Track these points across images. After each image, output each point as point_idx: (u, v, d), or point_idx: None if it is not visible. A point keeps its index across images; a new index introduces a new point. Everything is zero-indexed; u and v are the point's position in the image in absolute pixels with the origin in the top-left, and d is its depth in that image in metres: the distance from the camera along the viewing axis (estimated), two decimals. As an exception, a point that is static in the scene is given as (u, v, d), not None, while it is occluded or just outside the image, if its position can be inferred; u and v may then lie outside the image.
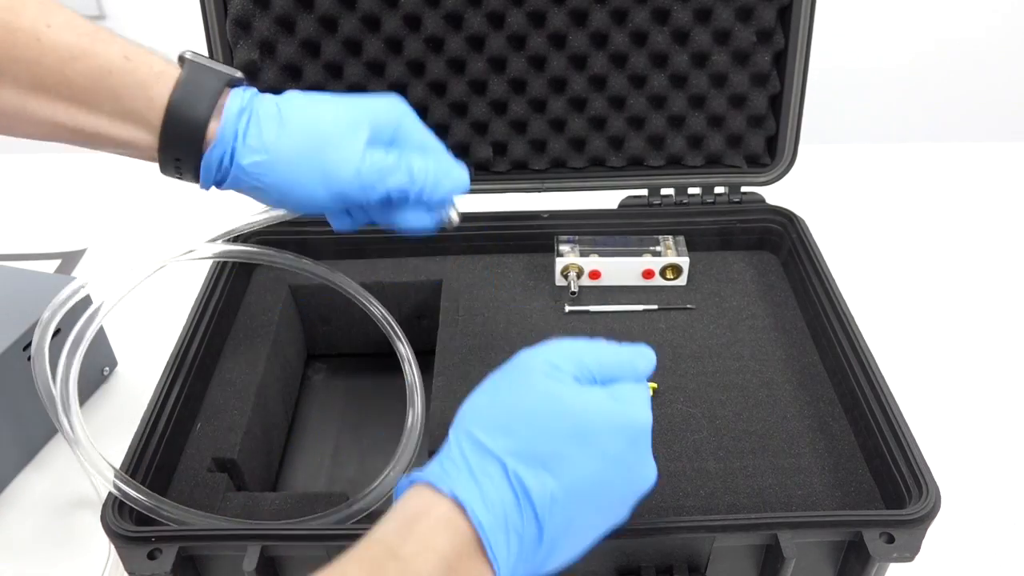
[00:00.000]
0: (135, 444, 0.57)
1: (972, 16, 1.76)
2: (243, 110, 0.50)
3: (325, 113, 0.51)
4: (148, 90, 0.48)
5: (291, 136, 0.50)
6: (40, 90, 0.47)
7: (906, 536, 0.50)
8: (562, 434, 0.41)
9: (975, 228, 1.01)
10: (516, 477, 0.40)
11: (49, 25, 0.46)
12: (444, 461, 0.41)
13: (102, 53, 0.47)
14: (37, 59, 0.46)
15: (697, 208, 0.81)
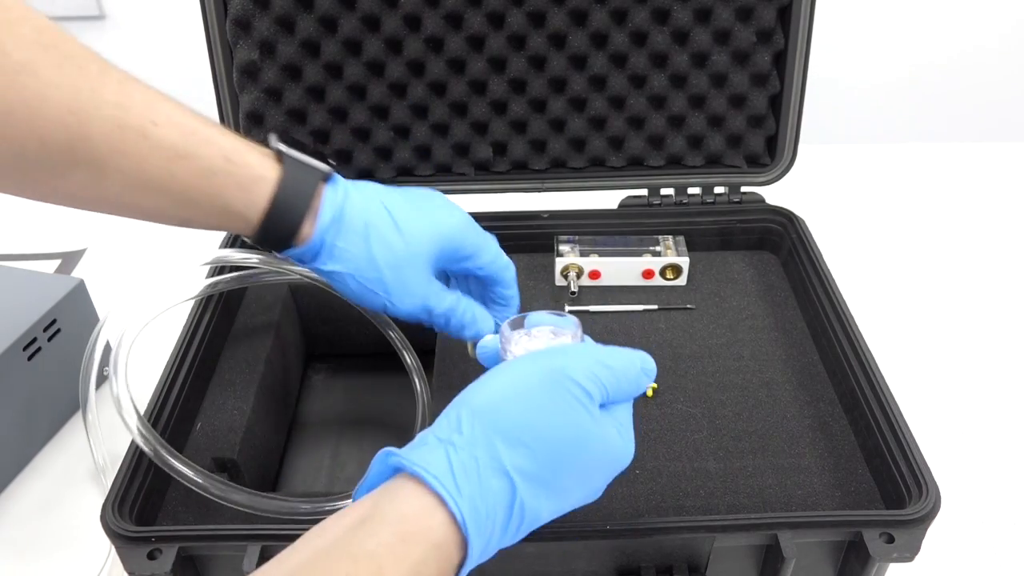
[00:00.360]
0: (136, 443, 0.57)
1: (972, 16, 1.76)
2: (334, 220, 0.52)
3: (397, 243, 0.54)
4: (248, 192, 0.50)
5: (369, 258, 0.53)
6: (146, 186, 0.48)
7: (906, 536, 0.50)
8: (575, 468, 0.42)
9: (975, 228, 1.01)
10: (520, 503, 0.40)
11: (155, 123, 0.47)
12: (454, 464, 0.40)
13: (205, 155, 0.49)
14: (145, 156, 0.47)
15: (697, 208, 0.81)
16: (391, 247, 0.54)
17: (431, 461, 0.40)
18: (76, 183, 0.47)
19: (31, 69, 0.43)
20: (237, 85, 0.75)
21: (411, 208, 0.56)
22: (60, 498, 0.69)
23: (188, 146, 0.48)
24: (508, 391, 0.43)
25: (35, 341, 0.69)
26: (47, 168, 0.46)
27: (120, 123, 0.46)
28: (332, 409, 0.78)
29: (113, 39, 1.86)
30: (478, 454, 0.40)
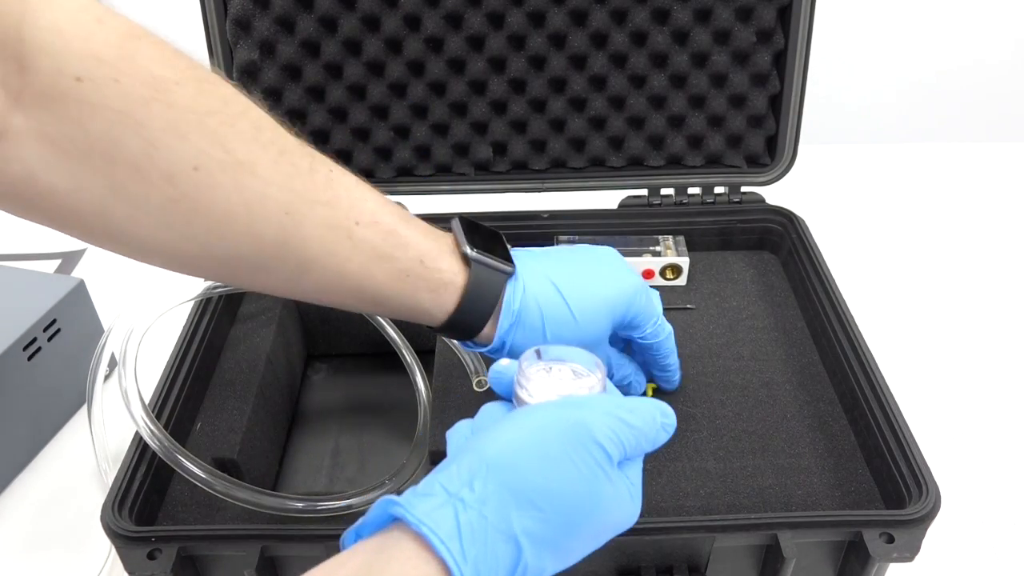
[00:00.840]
0: (137, 443, 0.57)
1: (972, 16, 1.76)
2: (513, 324, 0.53)
3: (573, 329, 0.54)
4: (438, 295, 0.51)
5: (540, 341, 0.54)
6: (342, 283, 0.49)
7: (906, 536, 0.50)
8: (585, 532, 0.41)
9: (975, 228, 1.01)
10: (524, 566, 0.38)
11: (359, 223, 0.48)
12: (463, 525, 0.37)
13: (402, 258, 0.50)
14: (348, 257, 0.48)
15: (697, 208, 0.81)
16: (567, 335, 0.54)
17: (439, 520, 0.37)
18: (279, 278, 0.48)
19: (251, 168, 0.44)
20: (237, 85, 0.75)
21: (583, 285, 0.55)
22: (60, 498, 0.69)
23: (386, 248, 0.49)
24: (525, 447, 0.40)
25: (35, 341, 0.69)
26: (256, 265, 0.47)
27: (329, 223, 0.47)
28: (332, 409, 0.78)
29: (113, 39, 1.86)
30: (488, 514, 0.38)
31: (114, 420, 0.60)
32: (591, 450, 0.40)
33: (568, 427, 0.41)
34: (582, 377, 0.47)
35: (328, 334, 0.81)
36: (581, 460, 0.40)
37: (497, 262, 0.53)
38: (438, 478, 0.39)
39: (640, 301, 0.57)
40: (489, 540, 0.37)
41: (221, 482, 0.54)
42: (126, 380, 0.57)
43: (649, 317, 0.58)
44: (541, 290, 0.54)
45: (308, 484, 0.70)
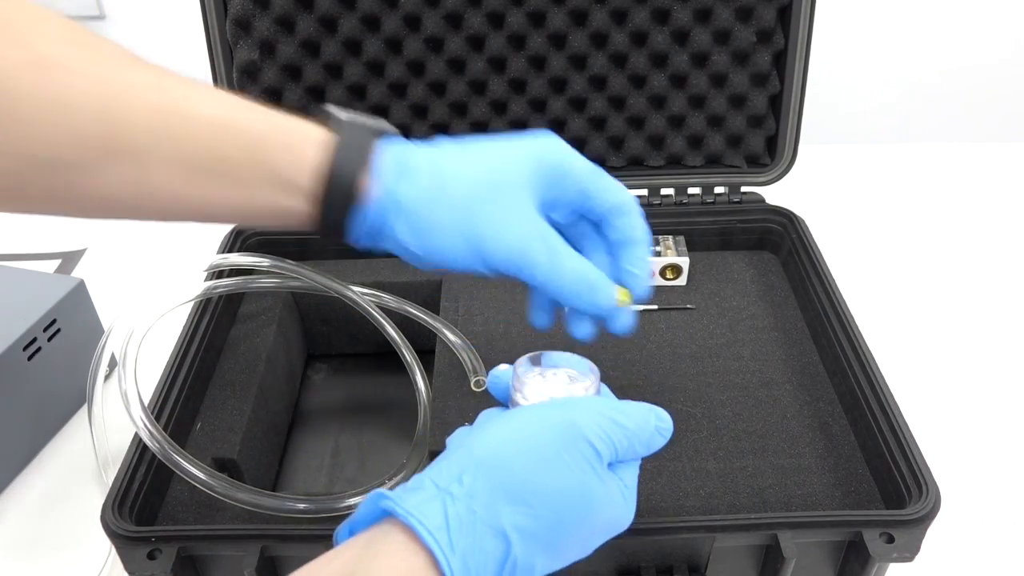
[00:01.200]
0: (137, 443, 0.57)
1: (972, 16, 1.76)
2: (399, 170, 0.46)
3: (483, 161, 0.48)
4: (301, 156, 0.45)
5: (447, 200, 0.47)
6: (188, 169, 0.44)
7: (906, 536, 0.50)
8: (575, 531, 0.40)
9: (975, 228, 1.00)
10: (513, 561, 0.38)
11: (194, 100, 0.44)
12: (451, 517, 0.37)
13: (250, 123, 0.45)
14: (185, 136, 0.44)
15: (697, 208, 0.81)
16: (477, 167, 0.47)
17: (427, 513, 0.37)
18: (116, 180, 0.44)
19: (62, 64, 0.41)
20: (237, 85, 0.75)
21: (491, 142, 0.49)
22: (60, 498, 0.69)
23: (229, 117, 0.44)
24: (515, 444, 0.41)
25: (35, 341, 0.69)
26: (84, 168, 0.43)
27: (156, 106, 0.43)
28: (332, 409, 0.78)
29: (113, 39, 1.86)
30: (476, 508, 0.38)
31: (114, 420, 0.60)
32: (581, 448, 0.40)
33: (559, 425, 0.41)
34: (576, 381, 0.47)
35: (328, 334, 0.81)
36: (571, 458, 0.40)
37: (370, 119, 0.48)
38: (428, 474, 0.40)
39: (561, 152, 0.50)
40: (478, 533, 0.38)
41: (221, 484, 0.54)
42: (126, 381, 0.57)
43: (595, 175, 0.50)
44: (437, 146, 0.49)
45: (308, 484, 0.70)
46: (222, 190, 0.45)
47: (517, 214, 0.47)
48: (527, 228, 0.47)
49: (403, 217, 0.46)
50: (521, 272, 0.47)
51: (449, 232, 0.47)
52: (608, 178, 0.51)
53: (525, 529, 0.38)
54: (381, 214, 0.46)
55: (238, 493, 0.54)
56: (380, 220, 0.46)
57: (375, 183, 0.46)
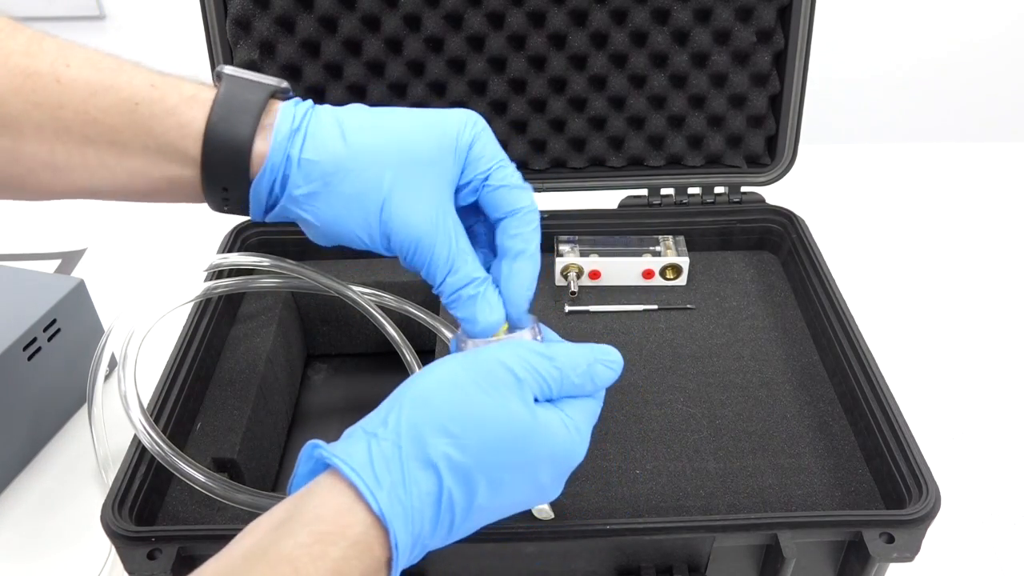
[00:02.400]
0: (137, 443, 0.57)
1: (972, 16, 1.76)
2: (296, 129, 0.43)
3: (391, 144, 0.44)
4: (180, 116, 0.42)
5: (353, 169, 0.43)
6: (66, 136, 0.42)
7: (906, 536, 0.50)
8: (510, 461, 0.40)
9: (975, 228, 1.01)
10: (449, 495, 0.38)
11: (68, 65, 0.42)
12: (376, 457, 0.38)
13: (126, 85, 0.42)
14: (59, 102, 0.41)
15: (697, 208, 0.81)
16: (387, 136, 0.43)
17: (352, 453, 0.38)
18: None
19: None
20: (237, 85, 0.75)
21: (408, 110, 0.46)
22: (60, 498, 0.69)
23: (106, 80, 0.42)
24: (438, 381, 0.41)
25: (35, 341, 0.69)
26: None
27: (29, 71, 0.41)
28: (332, 409, 0.78)
29: (113, 39, 1.86)
30: (402, 444, 0.38)
31: (114, 420, 0.60)
32: (501, 376, 0.40)
33: (483, 362, 0.41)
34: (517, 332, 0.47)
35: (328, 334, 0.81)
36: (490, 385, 0.40)
37: (262, 76, 0.45)
38: (359, 423, 0.41)
39: (479, 130, 0.46)
40: (406, 468, 0.38)
41: (221, 485, 0.54)
42: (125, 383, 0.56)
43: (496, 160, 0.46)
44: (341, 108, 0.45)
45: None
46: (106, 160, 0.43)
47: (428, 195, 0.44)
48: (435, 214, 0.44)
49: (302, 182, 0.43)
50: (416, 259, 0.45)
51: (354, 205, 0.43)
52: (515, 175, 0.47)
53: (453, 459, 0.38)
54: (276, 180, 0.43)
55: (238, 495, 0.54)
56: (276, 187, 0.43)
57: (268, 144, 0.42)
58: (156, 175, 0.43)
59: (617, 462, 0.60)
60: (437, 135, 0.44)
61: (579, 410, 0.43)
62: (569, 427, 0.42)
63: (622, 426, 0.63)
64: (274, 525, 0.37)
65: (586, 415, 0.44)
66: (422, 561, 0.49)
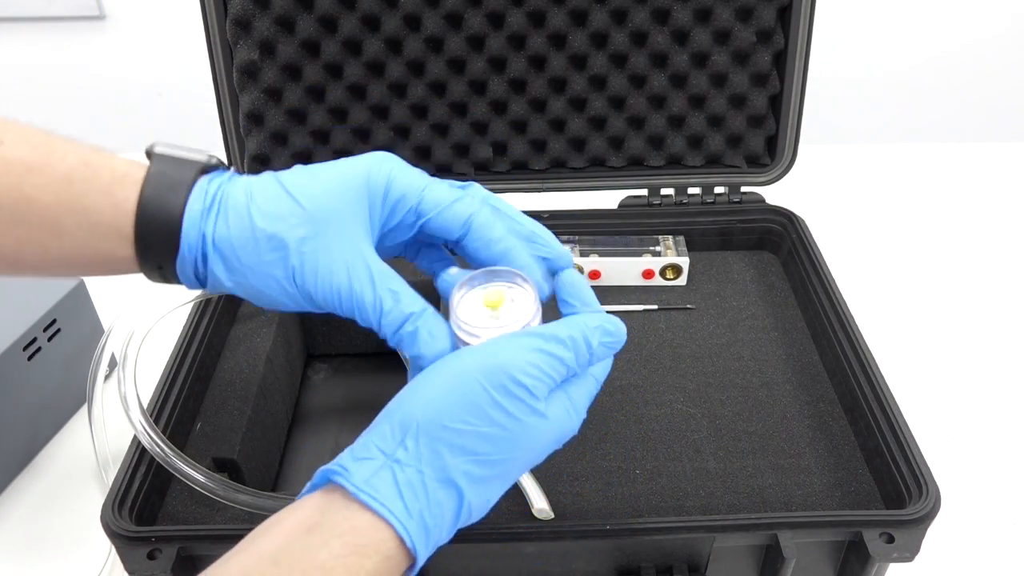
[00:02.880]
0: (137, 443, 0.57)
1: (972, 17, 1.76)
2: (209, 208, 0.43)
3: (295, 208, 0.43)
4: (113, 196, 0.42)
5: (260, 239, 0.43)
6: (2, 217, 0.42)
7: (906, 536, 0.50)
8: (522, 459, 0.42)
9: (975, 228, 1.01)
10: (468, 506, 0.40)
11: (3, 142, 0.42)
12: (401, 484, 0.39)
13: (59, 163, 0.42)
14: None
15: (697, 208, 0.81)
16: (291, 202, 0.43)
17: (378, 486, 0.39)
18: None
19: None
20: (237, 85, 0.75)
21: (309, 170, 0.46)
22: (60, 498, 0.69)
23: (40, 157, 0.42)
24: (451, 399, 0.40)
25: (35, 341, 0.69)
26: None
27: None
28: (332, 409, 0.77)
29: (113, 39, 1.86)
30: (424, 468, 0.39)
31: (114, 420, 0.60)
32: (513, 391, 0.41)
33: (488, 371, 0.41)
34: (515, 289, 0.46)
35: (328, 334, 0.81)
36: (507, 402, 0.40)
37: (193, 152, 0.44)
38: (372, 439, 0.40)
39: (388, 172, 0.45)
40: (429, 491, 0.39)
41: (221, 486, 0.54)
42: (125, 384, 0.57)
43: (408, 183, 0.46)
44: (256, 177, 0.45)
45: (308, 484, 0.70)
46: (38, 238, 0.43)
47: (339, 251, 0.44)
48: (351, 266, 0.44)
49: (219, 258, 0.43)
50: (346, 312, 0.45)
51: (264, 273, 0.43)
52: (445, 192, 0.46)
53: (474, 475, 0.40)
54: (196, 258, 0.43)
55: (238, 495, 0.54)
56: (198, 265, 0.43)
57: (184, 227, 0.43)
58: (93, 252, 0.44)
59: (617, 462, 0.60)
60: (343, 190, 0.44)
61: (581, 391, 0.44)
62: (571, 411, 0.43)
63: (622, 426, 0.63)
64: (298, 532, 0.38)
65: (587, 394, 0.45)
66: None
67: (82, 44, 1.86)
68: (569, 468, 0.59)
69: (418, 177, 0.46)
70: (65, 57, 1.88)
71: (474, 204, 0.47)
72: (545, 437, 0.42)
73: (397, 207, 0.46)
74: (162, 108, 1.93)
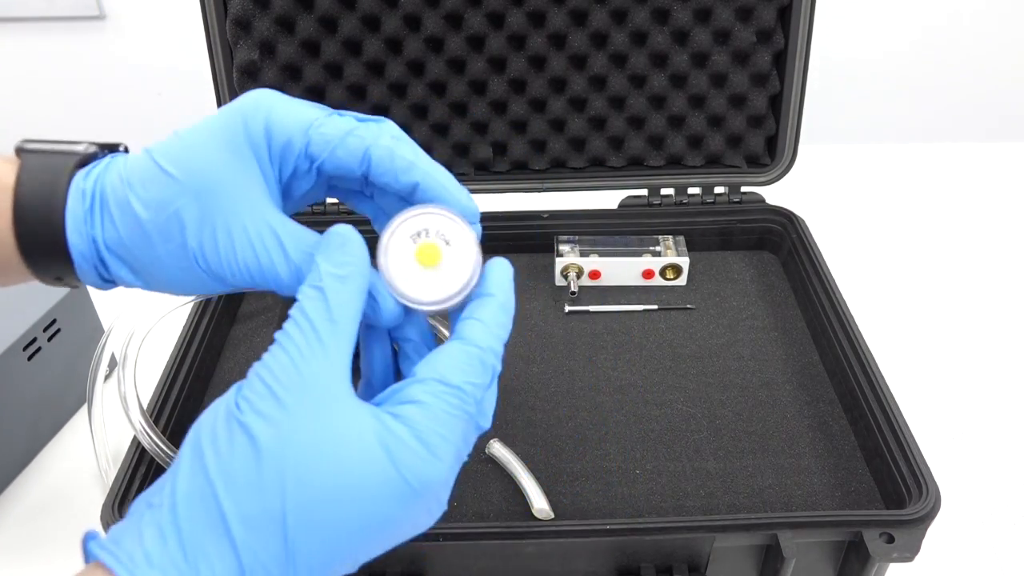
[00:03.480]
0: (137, 443, 0.57)
1: (972, 16, 1.76)
2: (91, 208, 0.38)
3: (171, 183, 0.37)
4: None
5: (150, 229, 0.37)
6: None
7: (906, 536, 0.50)
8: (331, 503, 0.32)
9: (975, 228, 1.00)
10: (259, 565, 0.31)
11: None
12: (145, 532, 0.31)
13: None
14: None
15: (697, 208, 0.81)
16: (168, 177, 0.37)
17: (120, 537, 0.32)
18: None
19: None
20: (237, 85, 0.75)
21: (187, 128, 0.39)
22: (60, 498, 0.69)
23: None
24: (208, 411, 0.34)
25: (35, 341, 0.69)
26: None
27: None
28: (332, 409, 0.77)
29: (113, 39, 1.86)
30: (180, 508, 0.31)
31: (114, 420, 0.60)
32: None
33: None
34: (447, 235, 0.38)
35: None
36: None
37: (62, 144, 0.39)
38: (144, 495, 0.34)
39: (267, 110, 0.38)
40: (188, 537, 0.31)
41: None
42: (125, 384, 0.56)
43: (295, 118, 0.38)
44: (130, 158, 0.39)
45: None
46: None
47: (238, 219, 0.37)
48: (257, 233, 0.37)
49: (117, 261, 0.38)
50: (271, 288, 0.39)
51: (169, 266, 0.38)
52: (339, 123, 0.38)
53: (250, 514, 0.31)
54: (96, 265, 0.39)
55: None
56: (100, 270, 0.39)
57: (68, 233, 0.37)
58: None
59: (617, 462, 0.60)
60: (219, 148, 0.37)
61: (422, 418, 0.34)
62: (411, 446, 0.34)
63: (622, 426, 0.63)
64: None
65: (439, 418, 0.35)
66: (421, 561, 0.49)
67: (82, 44, 1.86)
68: (569, 468, 0.59)
69: (304, 113, 0.38)
70: (65, 57, 1.88)
71: (370, 133, 0.38)
72: (361, 485, 0.32)
73: (285, 154, 0.38)
74: (162, 108, 1.93)
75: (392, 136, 0.39)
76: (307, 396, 0.32)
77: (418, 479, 0.32)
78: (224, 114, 0.38)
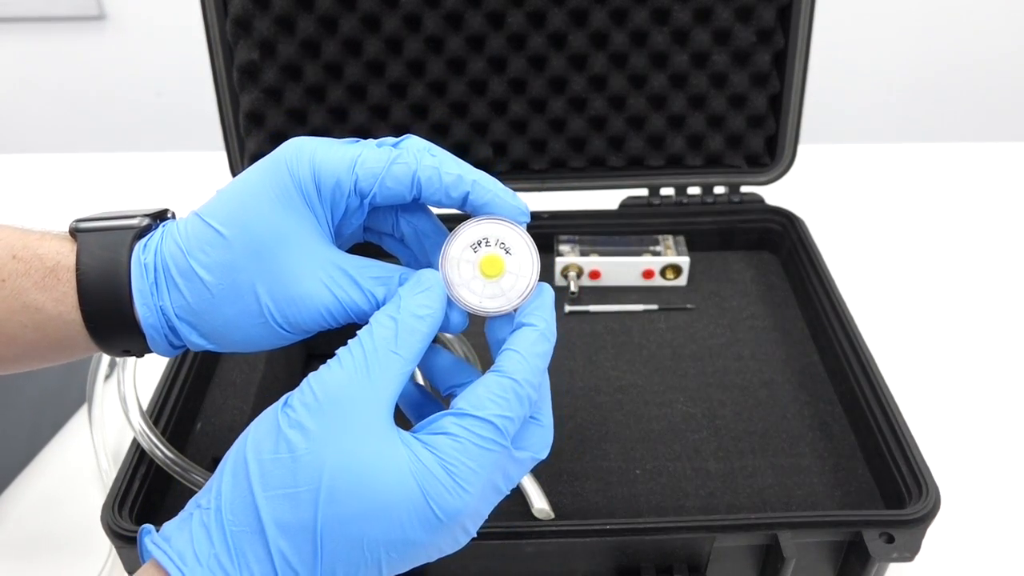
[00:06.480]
0: (137, 443, 0.57)
1: (972, 16, 1.76)
2: (155, 282, 0.39)
3: (228, 247, 0.38)
4: (51, 291, 0.39)
5: (219, 294, 0.38)
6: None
7: (906, 536, 0.50)
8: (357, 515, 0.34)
9: (975, 228, 1.00)
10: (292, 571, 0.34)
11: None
12: (195, 530, 0.34)
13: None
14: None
15: (697, 208, 0.81)
16: (224, 240, 0.38)
17: (171, 534, 0.35)
18: None
19: None
20: (237, 85, 0.75)
21: (226, 188, 0.40)
22: (60, 498, 0.69)
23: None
24: (257, 425, 0.37)
25: (35, 341, 0.69)
26: None
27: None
28: (332, 409, 0.77)
29: (113, 39, 1.86)
30: (224, 509, 0.34)
31: (114, 420, 0.60)
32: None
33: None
34: (507, 243, 0.39)
35: (328, 334, 0.80)
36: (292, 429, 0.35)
37: (116, 220, 0.40)
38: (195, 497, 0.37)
39: (307, 154, 0.39)
40: (234, 541, 0.34)
41: None
42: (125, 385, 0.56)
43: (336, 159, 0.39)
44: (182, 223, 0.40)
45: (308, 484, 0.70)
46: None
47: (305, 267, 0.38)
48: (327, 275, 0.38)
49: (189, 328, 0.39)
50: (354, 321, 0.40)
51: (243, 325, 0.39)
52: (379, 158, 0.39)
53: (285, 521, 0.33)
54: (167, 335, 0.39)
55: None
56: (171, 339, 0.40)
57: (139, 308, 0.38)
58: (46, 348, 0.40)
59: (617, 462, 0.60)
60: (269, 199, 0.38)
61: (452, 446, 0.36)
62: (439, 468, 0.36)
63: (622, 426, 0.63)
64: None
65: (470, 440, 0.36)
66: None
67: (82, 44, 1.87)
68: (569, 468, 0.59)
69: (347, 152, 0.39)
70: (65, 57, 1.88)
71: (411, 156, 0.39)
72: (392, 507, 0.34)
73: (336, 195, 0.39)
74: (162, 108, 1.93)
75: (430, 153, 0.39)
76: (348, 415, 0.34)
77: (443, 510, 0.34)
78: (266, 166, 0.39)
